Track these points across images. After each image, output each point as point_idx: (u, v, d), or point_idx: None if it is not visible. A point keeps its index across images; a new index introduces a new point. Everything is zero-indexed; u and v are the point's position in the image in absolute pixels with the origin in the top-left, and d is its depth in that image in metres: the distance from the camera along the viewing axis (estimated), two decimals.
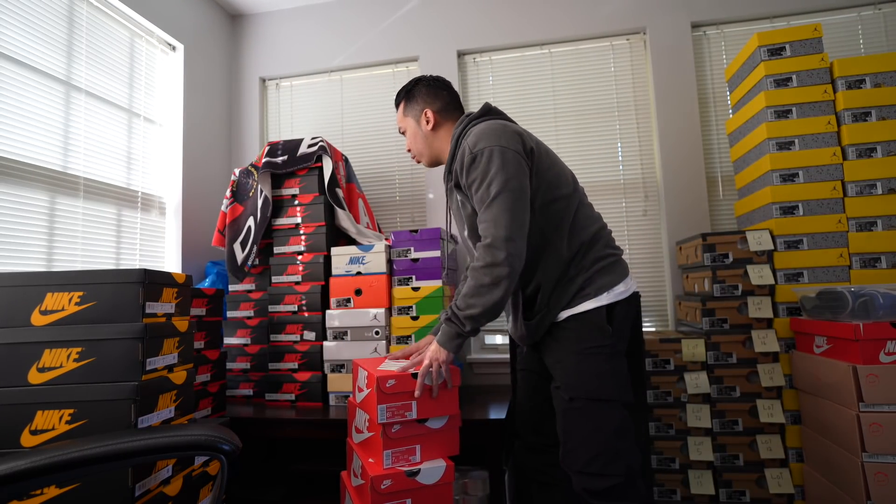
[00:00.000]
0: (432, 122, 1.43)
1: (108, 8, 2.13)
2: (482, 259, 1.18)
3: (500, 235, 1.16)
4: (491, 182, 1.19)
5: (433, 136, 1.45)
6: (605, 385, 1.20)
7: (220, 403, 1.85)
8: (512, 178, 1.19)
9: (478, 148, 1.22)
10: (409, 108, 1.48)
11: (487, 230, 1.19)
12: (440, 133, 1.44)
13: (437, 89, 1.46)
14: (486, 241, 1.18)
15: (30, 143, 1.77)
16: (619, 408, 1.20)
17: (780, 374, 1.76)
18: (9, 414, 1.17)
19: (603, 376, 1.20)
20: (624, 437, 1.18)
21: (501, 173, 1.19)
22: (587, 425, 1.20)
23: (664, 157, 2.34)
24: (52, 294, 1.24)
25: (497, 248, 1.16)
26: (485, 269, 1.18)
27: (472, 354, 2.42)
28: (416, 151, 1.51)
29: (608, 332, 1.21)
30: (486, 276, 1.18)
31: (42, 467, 0.70)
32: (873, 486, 1.38)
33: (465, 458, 1.75)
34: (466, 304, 1.20)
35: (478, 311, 1.19)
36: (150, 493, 1.22)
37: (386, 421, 1.29)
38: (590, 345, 1.22)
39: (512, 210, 1.18)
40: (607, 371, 1.20)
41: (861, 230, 1.75)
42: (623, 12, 2.44)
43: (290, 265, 2.11)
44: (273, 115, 2.86)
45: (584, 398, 1.21)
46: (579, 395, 1.21)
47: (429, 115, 1.43)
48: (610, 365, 1.21)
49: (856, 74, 1.79)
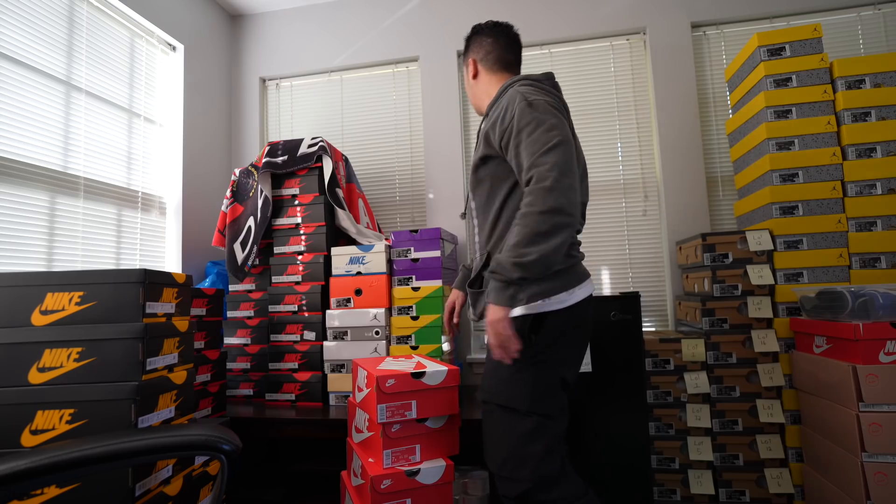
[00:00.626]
0: (472, 71, 1.42)
1: (108, 8, 2.13)
2: (539, 203, 1.05)
3: (565, 181, 1.05)
4: (551, 128, 1.10)
5: (474, 84, 1.43)
6: (515, 394, 1.15)
7: (221, 403, 1.85)
8: (568, 136, 1.12)
9: (533, 98, 1.16)
10: (464, 55, 1.48)
11: (550, 172, 1.05)
12: (480, 82, 1.41)
13: (482, 36, 1.43)
14: (545, 183, 1.05)
15: (30, 143, 1.77)
16: (532, 416, 1.13)
17: (779, 373, 1.76)
18: (9, 414, 1.18)
19: (514, 385, 1.15)
20: (534, 442, 1.12)
21: (561, 129, 1.11)
22: (497, 429, 1.17)
23: (664, 157, 2.35)
24: (53, 294, 1.24)
25: (560, 192, 1.04)
26: (543, 216, 1.04)
27: (472, 354, 2.42)
28: (470, 99, 1.50)
29: (529, 342, 1.13)
30: (544, 222, 1.04)
31: (42, 467, 0.70)
32: (873, 485, 1.38)
33: (465, 458, 1.75)
34: (518, 252, 1.06)
35: (533, 258, 1.05)
36: (151, 492, 1.22)
37: (386, 420, 1.29)
38: None
39: (570, 161, 1.08)
40: (519, 380, 1.15)
41: (861, 230, 1.75)
42: (623, 12, 2.44)
43: (290, 265, 2.11)
44: (273, 115, 2.86)
45: (494, 403, 1.18)
46: (489, 399, 1.20)
47: (471, 64, 1.43)
48: (523, 375, 1.14)
49: (855, 74, 1.79)
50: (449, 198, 2.53)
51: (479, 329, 2.49)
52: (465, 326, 2.44)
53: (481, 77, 1.41)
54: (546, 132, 1.10)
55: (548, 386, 1.16)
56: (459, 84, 2.59)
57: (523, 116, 1.14)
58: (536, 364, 1.15)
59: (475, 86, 1.43)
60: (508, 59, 1.40)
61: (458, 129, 2.56)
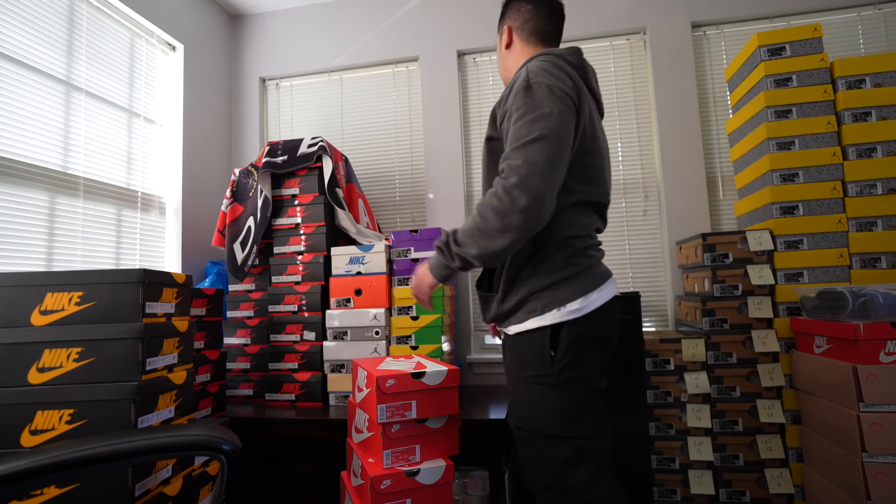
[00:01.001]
0: (507, 40, 1.28)
1: (108, 8, 2.13)
2: (500, 199, 0.99)
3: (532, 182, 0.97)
4: (538, 119, 1.01)
5: (506, 54, 1.30)
6: (547, 419, 1.05)
7: (220, 403, 1.85)
8: (562, 129, 1.02)
9: (537, 80, 1.05)
10: (499, 23, 1.33)
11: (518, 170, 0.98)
12: (513, 53, 1.28)
13: (522, 3, 1.27)
14: (513, 180, 0.98)
15: (30, 143, 1.77)
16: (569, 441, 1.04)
17: (780, 374, 1.76)
18: (9, 414, 1.18)
19: (544, 409, 1.05)
20: (576, 469, 1.03)
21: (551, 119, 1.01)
22: (535, 456, 1.09)
23: (664, 157, 2.34)
24: (52, 294, 1.24)
25: (523, 193, 0.97)
26: (498, 211, 0.99)
27: (472, 354, 2.42)
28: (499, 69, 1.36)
29: (548, 360, 1.05)
30: (496, 219, 0.99)
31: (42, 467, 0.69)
32: (873, 485, 1.38)
33: (465, 458, 1.75)
34: (463, 241, 1.06)
35: (472, 254, 1.04)
36: (150, 493, 1.22)
37: (385, 421, 1.29)
38: (531, 373, 1.08)
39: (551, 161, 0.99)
40: (548, 404, 1.05)
41: (861, 230, 1.75)
42: (623, 12, 2.44)
43: (290, 265, 2.11)
44: (273, 115, 2.86)
45: (528, 430, 1.09)
46: (522, 425, 1.10)
47: (506, 31, 1.29)
48: (551, 396, 1.05)
49: (856, 74, 1.79)
50: (449, 198, 2.53)
51: (480, 329, 2.49)
52: (464, 327, 2.44)
53: (515, 47, 1.28)
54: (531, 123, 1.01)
55: (580, 405, 1.06)
56: (459, 84, 2.59)
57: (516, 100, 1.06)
58: (563, 384, 1.05)
59: (507, 56, 1.30)
60: (546, 30, 1.26)
61: (458, 129, 2.56)
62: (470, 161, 2.59)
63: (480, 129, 2.58)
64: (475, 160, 2.59)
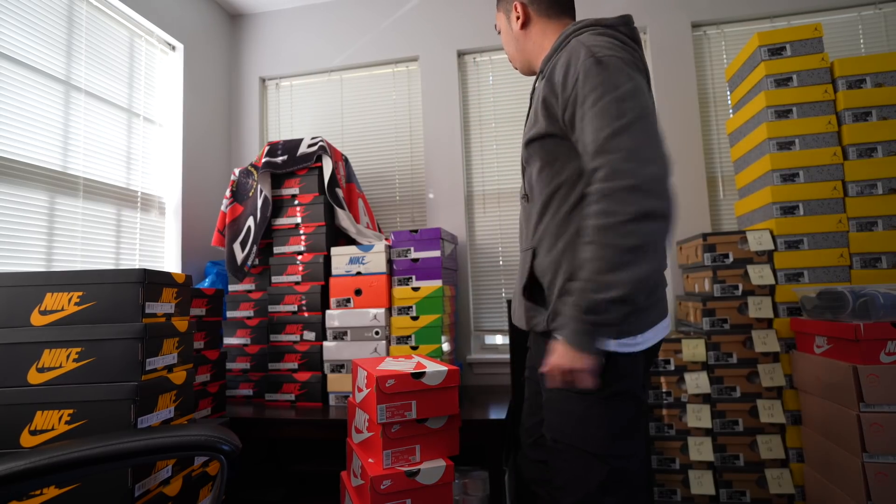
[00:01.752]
0: (522, 18, 1.14)
1: (107, 8, 2.13)
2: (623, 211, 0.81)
3: (646, 172, 0.81)
4: (624, 98, 0.86)
5: (523, 35, 1.15)
6: (589, 434, 0.95)
7: (220, 403, 1.85)
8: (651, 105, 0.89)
9: (604, 54, 0.90)
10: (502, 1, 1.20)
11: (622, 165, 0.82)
12: (532, 33, 1.14)
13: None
14: (622, 181, 0.82)
15: (29, 143, 1.76)
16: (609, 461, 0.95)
17: (780, 374, 1.76)
18: (8, 414, 1.17)
19: (588, 424, 0.95)
20: (613, 492, 0.94)
21: (639, 96, 0.87)
22: (570, 471, 0.99)
23: None
24: (52, 294, 1.24)
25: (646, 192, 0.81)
26: (628, 225, 0.81)
27: (472, 354, 2.42)
28: (510, 55, 1.22)
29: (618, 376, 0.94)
30: (630, 235, 0.81)
31: (42, 468, 0.69)
32: (874, 486, 1.38)
33: (465, 458, 1.75)
34: (604, 284, 0.83)
35: (625, 292, 0.82)
36: (150, 493, 1.22)
37: (385, 421, 1.29)
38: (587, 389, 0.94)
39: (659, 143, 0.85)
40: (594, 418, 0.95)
41: (861, 230, 1.75)
42: (623, 12, 2.43)
43: (289, 265, 2.11)
44: (273, 115, 2.86)
45: (565, 443, 0.99)
46: (559, 438, 1.01)
47: (519, 8, 1.14)
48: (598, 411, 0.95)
49: (856, 74, 1.79)
50: (449, 198, 2.53)
51: (480, 329, 2.49)
52: (464, 327, 2.44)
53: (535, 25, 1.13)
54: (618, 103, 0.85)
55: (628, 422, 0.97)
56: (459, 84, 2.59)
57: (588, 79, 0.89)
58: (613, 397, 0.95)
59: (524, 37, 1.14)
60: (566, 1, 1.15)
61: (458, 129, 2.56)
62: (470, 161, 2.59)
63: (481, 130, 2.58)
64: (475, 160, 2.59)
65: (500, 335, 2.49)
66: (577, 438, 0.97)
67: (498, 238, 2.51)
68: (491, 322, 2.48)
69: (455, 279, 2.29)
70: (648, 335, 0.96)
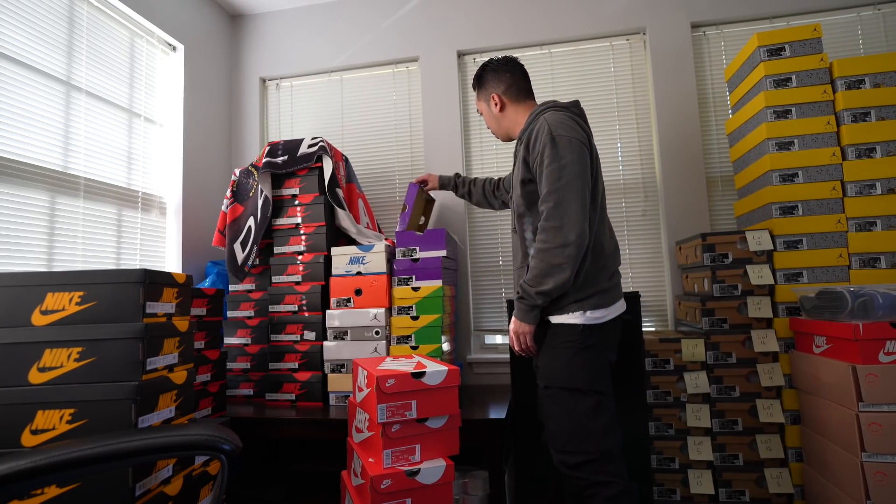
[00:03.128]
0: (499, 105, 1.56)
1: (108, 8, 2.14)
2: (552, 241, 1.27)
3: (570, 219, 1.26)
4: (565, 166, 1.29)
5: (501, 116, 1.57)
6: (573, 375, 1.32)
7: (221, 403, 1.85)
8: (584, 171, 1.31)
9: (559, 133, 1.32)
10: (481, 92, 1.63)
11: (556, 212, 1.27)
12: (508, 113, 1.56)
13: (499, 72, 1.58)
14: (556, 223, 1.27)
15: (30, 143, 1.77)
16: (591, 394, 1.30)
17: (779, 373, 1.76)
18: (9, 414, 1.18)
19: (573, 368, 1.32)
20: (596, 418, 1.29)
21: (576, 164, 1.29)
22: (562, 409, 1.31)
23: (664, 158, 2.35)
24: (53, 294, 1.24)
25: (568, 230, 1.26)
26: (556, 251, 1.27)
27: (472, 354, 2.43)
28: (492, 130, 1.65)
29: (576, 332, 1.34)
30: (556, 256, 1.27)
31: (43, 467, 0.70)
32: (873, 485, 1.38)
33: (465, 458, 1.75)
34: (539, 282, 1.31)
35: (549, 287, 1.29)
36: (151, 492, 1.22)
37: (386, 420, 1.29)
38: (559, 340, 1.35)
39: (581, 198, 1.28)
40: (577, 363, 1.32)
41: (860, 230, 1.76)
42: (623, 12, 2.44)
43: (290, 265, 2.11)
44: (273, 116, 2.87)
45: (556, 387, 1.33)
46: (552, 384, 1.34)
47: (496, 98, 1.57)
48: (579, 358, 1.32)
49: (855, 75, 1.80)
50: (449, 198, 2.53)
51: (480, 329, 2.50)
52: (464, 327, 2.45)
53: (509, 109, 1.56)
54: (559, 170, 1.29)
55: (600, 367, 1.35)
56: (459, 84, 2.59)
57: (545, 149, 1.32)
58: (588, 348, 1.33)
59: (503, 118, 1.58)
60: (527, 88, 1.58)
61: (458, 129, 2.56)
62: (470, 161, 2.60)
63: (481, 129, 2.59)
64: (475, 160, 2.59)
65: (500, 335, 2.50)
66: (565, 380, 1.33)
67: (497, 238, 2.51)
68: (491, 322, 2.49)
69: (455, 279, 2.29)
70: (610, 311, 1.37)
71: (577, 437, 1.28)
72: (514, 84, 1.56)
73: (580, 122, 1.40)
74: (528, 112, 1.53)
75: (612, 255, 1.43)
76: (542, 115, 1.40)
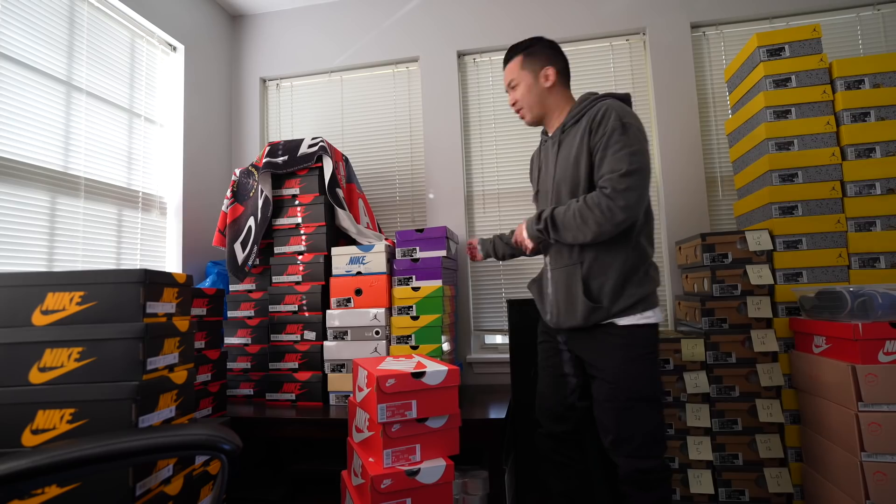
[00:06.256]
0: (552, 80, 1.48)
1: (108, 8, 2.14)
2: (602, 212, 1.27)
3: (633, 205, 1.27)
4: (635, 153, 1.28)
5: (548, 93, 1.50)
6: (654, 386, 1.35)
7: (221, 403, 1.85)
8: (648, 166, 1.30)
9: (627, 121, 1.32)
10: (528, 62, 1.51)
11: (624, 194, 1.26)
12: (554, 93, 1.50)
13: (558, 51, 1.52)
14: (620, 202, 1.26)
15: (31, 143, 1.77)
16: (660, 402, 1.36)
17: (779, 373, 1.76)
18: (10, 413, 1.18)
19: (652, 380, 1.35)
20: (663, 424, 1.36)
21: (644, 155, 1.29)
22: (639, 419, 1.33)
23: (663, 158, 2.35)
24: (53, 294, 1.24)
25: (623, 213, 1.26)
26: (598, 221, 1.28)
27: (472, 354, 2.43)
28: (526, 105, 1.53)
29: (654, 341, 1.37)
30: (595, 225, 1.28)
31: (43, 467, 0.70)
32: (872, 485, 1.38)
33: (465, 457, 1.76)
34: (561, 227, 1.35)
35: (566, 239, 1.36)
36: (151, 492, 1.22)
37: (386, 420, 1.29)
38: (642, 351, 1.34)
39: (646, 188, 1.30)
40: (652, 375, 1.35)
41: (860, 230, 1.76)
42: (623, 13, 2.45)
43: (290, 265, 2.11)
44: (273, 116, 2.87)
45: (636, 398, 1.32)
46: (632, 395, 1.33)
47: (549, 72, 1.48)
48: (653, 370, 1.36)
49: (855, 75, 1.80)
50: (449, 198, 2.54)
51: (480, 329, 2.50)
52: (464, 327, 2.45)
53: (557, 88, 1.49)
54: (630, 156, 1.28)
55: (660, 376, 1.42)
56: (459, 84, 2.60)
57: (613, 133, 1.31)
58: (655, 359, 1.38)
59: (547, 95, 1.49)
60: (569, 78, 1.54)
61: (458, 129, 2.56)
62: (470, 161, 2.60)
63: (480, 130, 2.59)
64: (475, 160, 2.59)
65: (500, 335, 2.50)
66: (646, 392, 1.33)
67: None
68: (491, 322, 2.49)
69: (455, 279, 2.29)
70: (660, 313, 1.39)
71: (655, 444, 1.33)
72: (566, 70, 1.52)
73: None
74: (570, 100, 1.50)
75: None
76: (604, 101, 1.37)
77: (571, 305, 1.40)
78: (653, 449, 1.33)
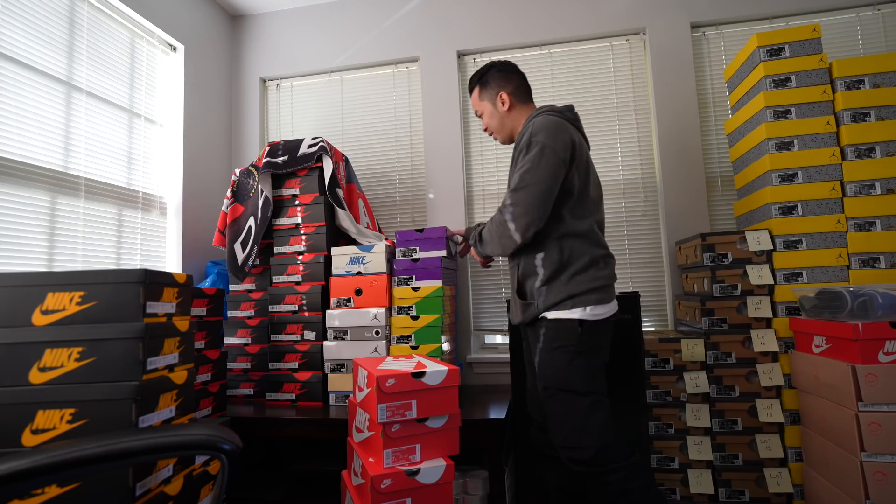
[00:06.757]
0: (508, 104, 1.57)
1: (108, 9, 2.14)
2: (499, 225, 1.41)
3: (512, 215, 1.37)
4: (528, 171, 1.37)
5: (508, 115, 1.59)
6: (574, 378, 1.36)
7: (221, 403, 1.85)
8: (549, 178, 1.36)
9: (536, 139, 1.39)
10: (484, 92, 1.62)
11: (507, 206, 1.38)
12: (514, 113, 1.59)
13: (508, 73, 1.61)
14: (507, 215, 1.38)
15: (31, 143, 1.77)
16: (589, 395, 1.36)
17: (779, 373, 1.76)
18: (10, 413, 1.18)
19: (572, 372, 1.37)
20: (593, 416, 1.34)
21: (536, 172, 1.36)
22: (561, 409, 1.37)
23: (663, 158, 2.35)
24: (53, 294, 1.24)
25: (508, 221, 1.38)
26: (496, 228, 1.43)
27: (472, 354, 2.43)
28: (494, 129, 1.64)
29: (576, 335, 1.37)
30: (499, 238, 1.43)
31: (43, 467, 0.70)
32: (872, 485, 1.38)
33: (465, 457, 1.76)
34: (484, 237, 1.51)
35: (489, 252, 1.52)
36: (151, 492, 1.22)
37: (386, 420, 1.29)
38: (563, 343, 1.37)
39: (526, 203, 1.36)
40: (575, 367, 1.37)
41: (860, 230, 1.76)
42: (623, 13, 2.45)
43: (290, 265, 2.11)
44: (273, 116, 2.87)
45: (555, 388, 1.37)
46: (550, 385, 1.39)
47: (504, 97, 1.58)
48: (577, 362, 1.37)
49: (855, 75, 1.80)
50: (449, 198, 2.54)
51: (480, 329, 2.50)
52: (464, 327, 2.45)
53: (515, 109, 1.58)
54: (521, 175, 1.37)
55: (597, 369, 1.40)
56: (459, 84, 2.60)
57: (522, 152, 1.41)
58: (585, 353, 1.38)
59: (507, 117, 1.59)
60: (529, 92, 1.63)
61: (457, 129, 2.56)
62: (470, 161, 2.60)
63: (480, 129, 2.58)
64: (475, 160, 2.59)
65: (500, 335, 2.50)
66: (564, 383, 1.37)
67: None
68: (491, 322, 2.49)
69: (455, 279, 2.29)
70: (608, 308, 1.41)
71: (577, 433, 1.33)
72: (521, 85, 1.60)
73: (570, 125, 1.45)
74: (528, 114, 1.57)
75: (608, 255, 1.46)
76: (532, 120, 1.45)
77: (515, 304, 1.51)
78: (583, 439, 1.32)
